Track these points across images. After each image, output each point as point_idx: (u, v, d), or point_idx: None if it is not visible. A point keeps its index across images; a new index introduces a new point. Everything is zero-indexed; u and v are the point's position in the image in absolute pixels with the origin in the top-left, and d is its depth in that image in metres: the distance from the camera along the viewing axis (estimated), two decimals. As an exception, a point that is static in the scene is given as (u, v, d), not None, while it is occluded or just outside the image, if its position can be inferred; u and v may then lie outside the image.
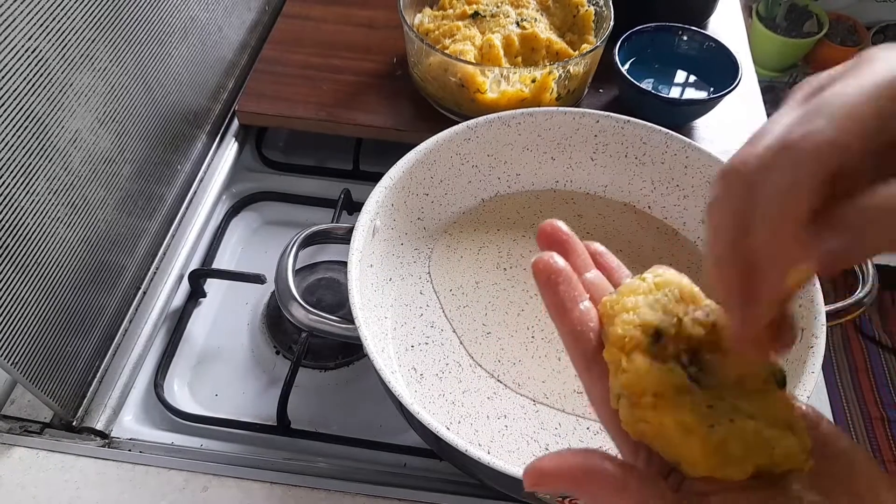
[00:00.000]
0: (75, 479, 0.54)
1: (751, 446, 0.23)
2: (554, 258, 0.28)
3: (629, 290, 0.27)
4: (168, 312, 0.66)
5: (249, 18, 0.82)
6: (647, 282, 0.27)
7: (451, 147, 0.62)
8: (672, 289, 0.27)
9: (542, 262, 0.28)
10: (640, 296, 0.26)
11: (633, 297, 0.26)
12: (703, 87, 0.76)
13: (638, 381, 0.24)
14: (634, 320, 0.25)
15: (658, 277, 0.27)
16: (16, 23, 0.45)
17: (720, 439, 0.23)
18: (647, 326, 0.25)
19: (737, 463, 0.23)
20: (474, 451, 0.43)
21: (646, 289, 0.27)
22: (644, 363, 0.24)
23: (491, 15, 0.72)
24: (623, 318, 0.26)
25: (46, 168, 0.50)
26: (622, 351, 0.25)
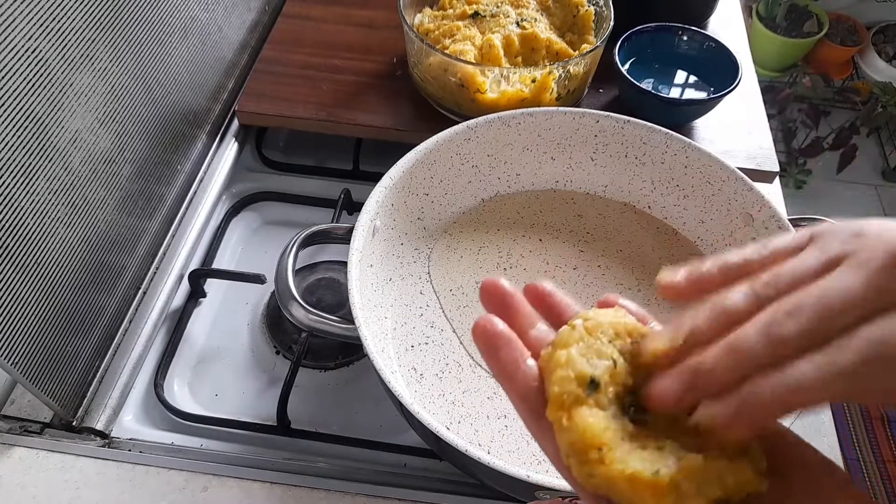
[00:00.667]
0: (75, 479, 0.54)
1: (701, 482, 0.23)
2: (492, 322, 0.28)
3: (562, 341, 0.27)
4: (168, 312, 0.66)
5: (249, 18, 0.82)
6: (578, 329, 0.27)
7: (451, 147, 0.62)
8: (604, 330, 0.27)
9: (480, 327, 0.28)
10: (573, 346, 0.26)
11: (564, 351, 0.26)
12: (703, 87, 0.76)
13: (581, 439, 0.24)
14: (569, 375, 0.25)
15: (588, 321, 0.27)
16: (16, 23, 0.45)
17: (669, 483, 0.23)
18: (581, 378, 0.25)
19: (689, 501, 0.23)
20: (474, 451, 0.43)
21: (577, 337, 0.27)
22: (583, 419, 0.24)
23: (491, 15, 0.72)
24: (558, 375, 0.26)
25: (46, 168, 0.50)
26: (562, 409, 0.25)
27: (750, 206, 0.59)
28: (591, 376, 0.25)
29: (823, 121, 1.80)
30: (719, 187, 0.61)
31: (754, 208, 0.58)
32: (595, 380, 0.25)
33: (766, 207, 0.57)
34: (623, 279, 0.63)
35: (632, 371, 0.26)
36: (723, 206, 0.61)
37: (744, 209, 0.59)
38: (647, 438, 0.25)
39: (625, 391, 0.26)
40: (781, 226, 0.56)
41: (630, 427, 0.25)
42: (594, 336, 0.27)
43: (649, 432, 0.25)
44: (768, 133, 0.75)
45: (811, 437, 0.60)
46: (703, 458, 0.24)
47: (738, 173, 0.60)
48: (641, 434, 0.25)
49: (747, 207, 0.59)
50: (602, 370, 0.26)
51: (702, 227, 0.64)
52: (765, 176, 0.71)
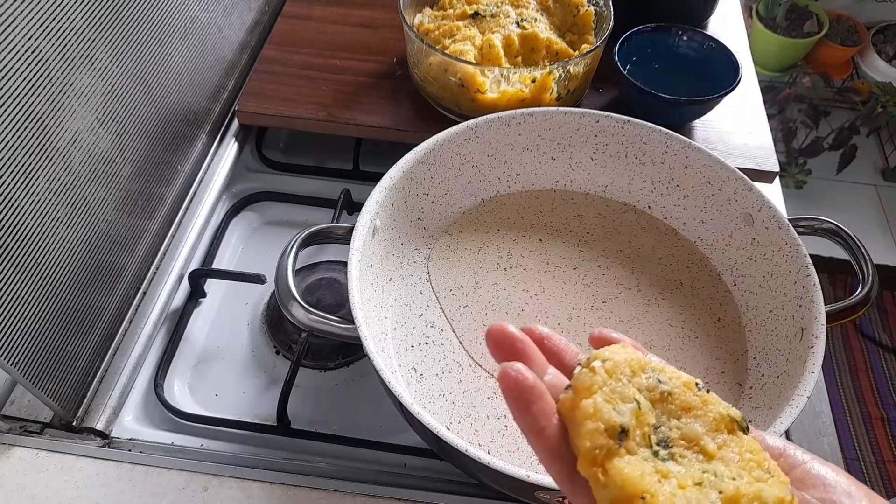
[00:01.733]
0: (75, 479, 0.54)
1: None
2: (522, 373, 0.26)
3: (584, 387, 0.26)
4: (168, 312, 0.66)
5: (249, 18, 0.82)
6: (599, 372, 0.27)
7: (451, 147, 0.62)
8: (623, 370, 0.27)
9: (512, 379, 0.26)
10: (597, 392, 0.26)
11: (590, 400, 0.26)
12: (703, 87, 0.76)
13: (622, 492, 0.24)
14: (598, 427, 0.25)
15: (606, 362, 0.27)
16: (16, 23, 0.45)
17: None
18: (612, 429, 0.25)
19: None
20: (474, 451, 0.43)
21: (600, 382, 0.26)
22: (620, 471, 0.24)
23: (491, 15, 0.72)
24: (588, 429, 0.25)
25: (46, 168, 0.50)
26: (596, 464, 0.25)
27: (750, 206, 0.59)
28: (620, 425, 0.25)
29: (823, 121, 1.80)
30: (719, 187, 0.61)
31: (754, 208, 0.58)
32: (624, 427, 0.25)
33: (766, 207, 0.57)
34: (623, 279, 0.63)
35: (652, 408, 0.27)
36: (723, 206, 0.61)
37: (744, 209, 0.59)
38: (682, 475, 0.25)
39: (650, 430, 0.26)
40: (781, 226, 0.56)
41: (663, 467, 0.25)
42: (615, 378, 0.27)
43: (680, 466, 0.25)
44: (768, 133, 0.75)
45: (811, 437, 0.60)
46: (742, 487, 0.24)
47: (738, 173, 0.60)
48: (674, 472, 0.25)
49: (747, 207, 0.59)
50: (629, 416, 0.26)
51: (702, 227, 0.64)
52: (765, 176, 0.71)
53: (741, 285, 0.61)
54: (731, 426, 0.27)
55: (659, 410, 0.27)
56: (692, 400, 0.27)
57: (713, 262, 0.63)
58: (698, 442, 0.26)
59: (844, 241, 0.59)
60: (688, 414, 0.27)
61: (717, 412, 0.27)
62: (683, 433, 0.27)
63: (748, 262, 0.60)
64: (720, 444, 0.26)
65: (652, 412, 0.27)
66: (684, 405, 0.27)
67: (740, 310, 0.60)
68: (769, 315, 0.57)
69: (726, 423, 0.27)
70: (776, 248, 0.57)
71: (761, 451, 0.26)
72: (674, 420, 0.27)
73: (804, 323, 0.52)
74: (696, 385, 0.28)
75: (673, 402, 0.27)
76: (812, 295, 0.52)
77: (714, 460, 0.26)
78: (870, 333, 1.57)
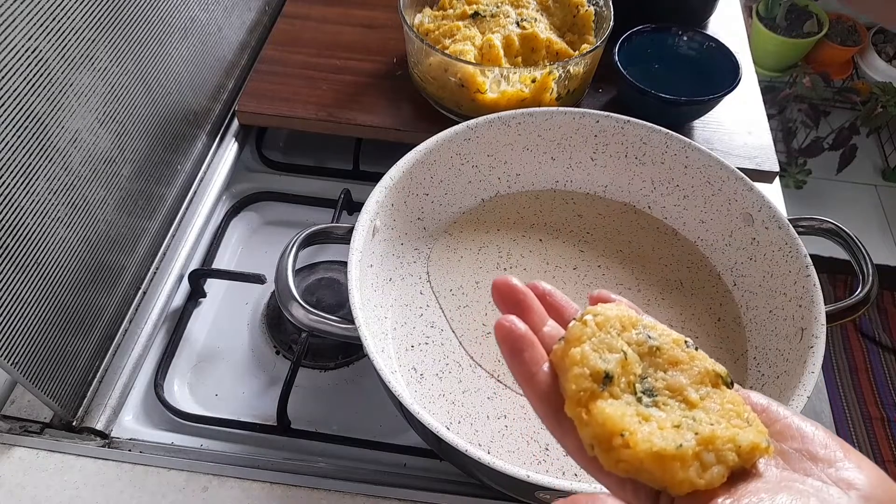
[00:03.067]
0: (75, 479, 0.54)
1: (719, 450, 0.25)
2: (516, 324, 0.29)
3: (574, 338, 0.29)
4: (168, 312, 0.66)
5: (249, 18, 0.82)
6: (589, 325, 0.29)
7: (451, 147, 0.62)
8: (613, 324, 0.29)
9: (506, 329, 0.29)
10: (585, 342, 0.28)
11: (577, 348, 0.28)
12: (703, 87, 0.76)
13: (602, 428, 0.26)
14: (584, 372, 0.27)
15: (598, 317, 0.29)
16: (16, 23, 0.45)
17: (692, 454, 0.25)
18: (596, 374, 0.27)
19: (712, 469, 0.25)
20: (474, 451, 0.43)
21: (589, 333, 0.29)
22: (602, 411, 0.26)
23: (491, 15, 0.72)
24: (574, 373, 0.27)
25: (46, 168, 0.50)
26: (580, 405, 0.27)
27: (750, 206, 0.59)
28: (604, 371, 0.27)
29: (823, 121, 1.79)
30: (719, 187, 0.61)
31: (754, 208, 0.58)
32: (609, 374, 0.27)
33: (766, 207, 0.57)
34: (623, 279, 0.63)
35: (640, 360, 0.29)
36: (723, 206, 0.61)
37: (744, 209, 0.59)
38: (662, 419, 0.27)
39: (636, 379, 0.28)
40: (781, 226, 0.56)
41: (644, 411, 0.27)
42: (604, 331, 0.29)
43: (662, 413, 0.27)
44: (768, 133, 0.75)
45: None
46: (718, 430, 0.26)
47: (738, 173, 0.60)
48: (655, 416, 0.27)
49: (747, 207, 0.59)
50: (614, 364, 0.28)
51: (702, 227, 0.64)
52: (765, 176, 0.71)
53: (741, 285, 0.61)
54: (715, 380, 0.28)
55: (647, 363, 0.29)
56: (680, 355, 0.29)
57: (713, 262, 0.63)
58: (682, 392, 0.28)
59: (844, 241, 0.59)
60: (674, 367, 0.29)
61: (702, 367, 0.29)
62: (668, 384, 0.28)
63: (748, 262, 0.60)
64: (703, 396, 0.28)
65: (639, 364, 0.28)
66: (672, 359, 0.29)
67: (740, 310, 0.60)
68: (769, 315, 0.57)
69: (711, 377, 0.28)
70: (776, 248, 0.57)
71: (742, 403, 0.28)
72: (660, 372, 0.29)
73: (804, 323, 0.52)
74: (684, 342, 0.29)
75: (661, 356, 0.29)
76: (812, 295, 0.52)
77: (696, 409, 0.27)
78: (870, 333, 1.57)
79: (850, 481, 0.25)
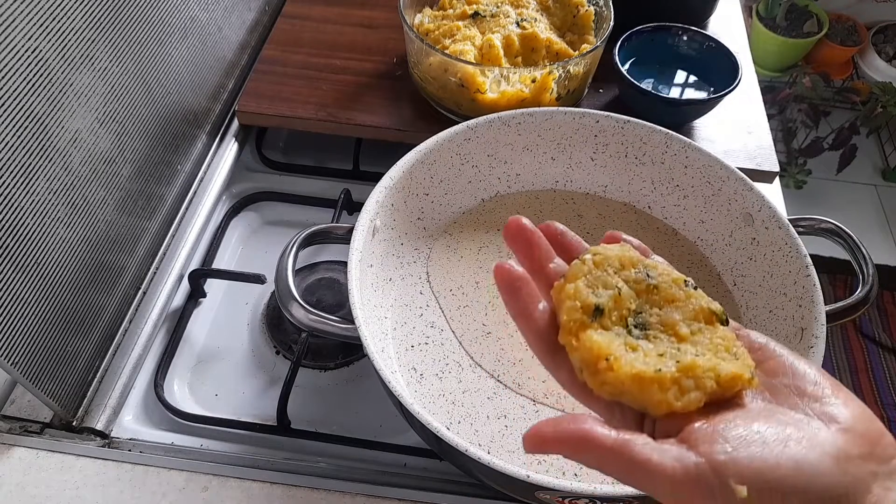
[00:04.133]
0: (75, 479, 0.54)
1: (699, 377, 0.27)
2: (512, 265, 0.31)
3: (572, 274, 0.30)
4: (168, 312, 0.66)
5: (249, 18, 0.82)
6: (587, 263, 0.30)
7: (451, 147, 0.62)
8: (611, 262, 0.31)
9: (505, 270, 0.31)
10: (580, 279, 0.30)
11: (572, 284, 0.30)
12: (703, 87, 0.76)
13: (589, 353, 0.28)
14: (576, 305, 0.29)
15: (596, 256, 0.31)
16: (16, 23, 0.45)
17: (670, 378, 0.27)
18: (587, 307, 0.29)
19: (690, 393, 0.26)
20: (474, 451, 0.43)
21: (586, 270, 0.30)
22: (590, 337, 0.28)
23: (491, 15, 0.72)
24: (567, 305, 0.29)
25: (46, 168, 0.50)
26: (571, 333, 0.29)
27: (750, 206, 0.59)
28: (595, 304, 0.29)
29: (823, 121, 1.79)
30: (719, 187, 0.61)
31: (754, 208, 0.58)
32: (599, 307, 0.29)
33: (766, 207, 0.57)
34: (623, 279, 0.63)
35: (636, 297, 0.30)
36: (723, 206, 0.61)
37: (744, 209, 0.59)
38: (649, 349, 0.28)
39: (629, 314, 0.30)
40: (781, 226, 0.56)
41: (633, 342, 0.29)
42: (601, 268, 0.30)
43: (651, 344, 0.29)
44: (768, 133, 0.75)
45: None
46: (700, 360, 0.27)
47: (738, 173, 0.59)
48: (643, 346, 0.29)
49: (747, 207, 0.59)
50: (606, 298, 0.29)
51: (702, 227, 0.64)
52: (765, 176, 0.71)
53: (741, 285, 0.61)
54: (709, 317, 0.30)
55: (643, 300, 0.30)
56: (677, 294, 0.30)
57: (713, 262, 0.63)
58: (673, 327, 0.29)
59: (844, 241, 0.59)
60: (670, 305, 0.30)
61: (698, 305, 0.30)
62: (662, 319, 0.30)
63: (748, 262, 0.60)
64: (694, 331, 0.29)
65: (634, 300, 0.30)
66: (669, 297, 0.30)
67: (740, 310, 0.60)
68: (769, 315, 0.57)
69: (705, 314, 0.30)
70: (776, 248, 0.57)
71: (734, 339, 0.29)
72: (655, 308, 0.30)
73: (804, 323, 0.52)
74: (684, 282, 0.31)
75: (658, 294, 0.30)
76: (812, 295, 0.52)
77: (684, 342, 0.29)
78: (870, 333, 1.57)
79: (834, 415, 0.26)
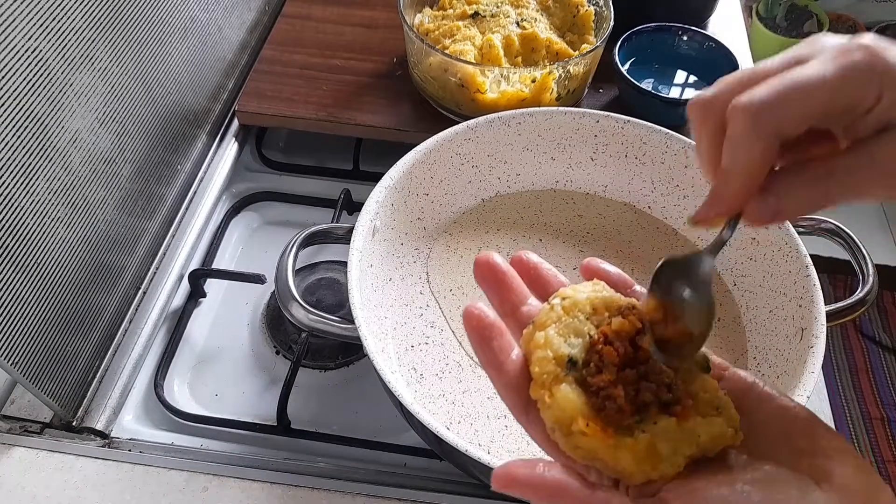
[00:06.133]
0: (75, 479, 0.54)
1: (676, 442, 0.25)
2: (484, 312, 0.28)
3: (541, 322, 0.28)
4: (168, 312, 0.66)
5: (249, 18, 0.82)
6: (556, 309, 0.28)
7: (451, 147, 0.62)
8: (581, 307, 0.28)
9: (475, 317, 0.28)
10: (551, 327, 0.28)
11: (542, 333, 0.28)
12: (703, 87, 0.75)
13: (562, 413, 0.26)
14: (547, 355, 0.27)
15: (566, 300, 0.29)
16: (16, 23, 0.45)
17: (646, 445, 0.25)
18: (559, 359, 0.27)
19: (667, 461, 0.25)
20: (474, 451, 0.43)
21: (555, 318, 0.28)
22: (564, 395, 0.26)
23: (491, 15, 0.72)
24: (538, 356, 0.27)
25: (46, 168, 0.50)
26: (544, 388, 0.27)
27: (750, 206, 0.59)
28: (568, 356, 0.27)
29: (823, 121, 1.79)
30: (719, 187, 0.61)
31: (754, 208, 0.58)
32: (573, 359, 0.27)
33: (766, 207, 0.57)
34: (623, 279, 0.63)
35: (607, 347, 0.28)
36: (723, 206, 0.61)
37: (744, 209, 0.59)
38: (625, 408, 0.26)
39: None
40: (781, 226, 0.56)
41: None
42: (571, 315, 0.28)
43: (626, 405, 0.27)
44: (768, 133, 0.74)
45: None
46: (677, 420, 0.26)
47: (738, 173, 0.59)
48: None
49: (747, 207, 0.59)
50: (579, 348, 0.27)
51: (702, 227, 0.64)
52: (765, 176, 0.71)
53: (741, 285, 0.61)
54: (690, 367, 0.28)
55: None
56: None
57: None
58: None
59: (844, 241, 0.59)
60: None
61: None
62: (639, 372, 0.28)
63: (748, 262, 0.60)
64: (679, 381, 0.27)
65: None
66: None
67: (740, 310, 0.60)
68: (769, 315, 0.57)
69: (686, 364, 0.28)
70: (776, 248, 0.57)
71: (717, 389, 0.27)
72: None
73: (804, 323, 0.52)
74: None
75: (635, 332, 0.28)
76: (812, 295, 0.52)
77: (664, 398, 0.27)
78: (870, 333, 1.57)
79: (827, 472, 0.23)
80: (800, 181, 0.27)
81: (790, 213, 0.28)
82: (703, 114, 0.29)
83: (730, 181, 0.28)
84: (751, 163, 0.27)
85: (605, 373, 0.27)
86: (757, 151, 0.26)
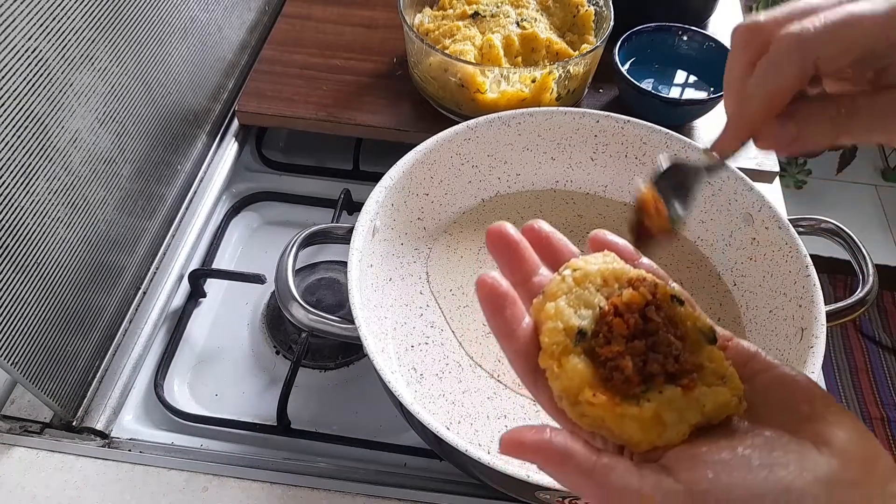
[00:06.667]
0: (75, 479, 0.54)
1: (681, 411, 0.25)
2: (497, 281, 0.28)
3: (551, 292, 0.28)
4: (168, 312, 0.66)
5: (249, 18, 0.82)
6: (567, 280, 0.29)
7: (451, 147, 0.62)
8: (592, 279, 0.29)
9: (488, 286, 0.28)
10: (561, 297, 0.28)
11: (552, 303, 0.28)
12: (703, 87, 0.76)
13: (570, 383, 0.26)
14: (557, 326, 0.27)
15: (577, 272, 0.29)
16: (16, 23, 0.45)
17: (652, 414, 0.25)
18: (570, 330, 0.27)
19: (672, 429, 0.25)
20: (474, 451, 0.43)
21: (566, 289, 0.28)
22: (573, 365, 0.26)
23: (491, 15, 0.72)
24: (548, 327, 0.27)
25: (46, 168, 0.50)
26: (553, 358, 0.27)
27: (750, 206, 0.59)
28: (578, 327, 0.27)
29: (824, 121, 1.79)
30: (719, 187, 0.61)
31: (754, 208, 0.58)
32: (582, 330, 0.27)
33: (766, 207, 0.57)
34: (623, 279, 0.63)
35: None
36: (723, 206, 0.61)
37: (744, 209, 0.59)
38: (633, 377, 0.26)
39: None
40: (781, 226, 0.56)
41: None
42: (582, 286, 0.28)
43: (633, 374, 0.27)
44: (768, 133, 0.74)
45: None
46: (682, 389, 0.26)
47: (738, 173, 0.60)
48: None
49: (747, 207, 0.59)
50: (589, 320, 0.27)
51: (702, 227, 0.64)
52: (765, 176, 0.71)
53: (741, 285, 0.61)
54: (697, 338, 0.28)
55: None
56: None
57: (713, 262, 0.63)
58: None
59: (844, 241, 0.59)
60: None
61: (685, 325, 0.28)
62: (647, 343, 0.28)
63: (748, 262, 0.60)
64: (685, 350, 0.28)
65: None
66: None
67: (740, 310, 0.60)
68: (769, 315, 0.57)
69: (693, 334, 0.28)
70: (776, 248, 0.57)
71: (722, 359, 0.27)
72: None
73: (804, 323, 0.52)
74: (671, 298, 0.29)
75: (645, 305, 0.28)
76: (812, 295, 0.52)
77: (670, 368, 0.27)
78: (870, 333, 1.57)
79: (826, 437, 0.24)
80: (824, 113, 0.28)
81: (807, 142, 0.29)
82: (748, 37, 0.30)
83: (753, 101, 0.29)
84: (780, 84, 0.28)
85: (613, 344, 0.27)
86: (790, 75, 0.27)
